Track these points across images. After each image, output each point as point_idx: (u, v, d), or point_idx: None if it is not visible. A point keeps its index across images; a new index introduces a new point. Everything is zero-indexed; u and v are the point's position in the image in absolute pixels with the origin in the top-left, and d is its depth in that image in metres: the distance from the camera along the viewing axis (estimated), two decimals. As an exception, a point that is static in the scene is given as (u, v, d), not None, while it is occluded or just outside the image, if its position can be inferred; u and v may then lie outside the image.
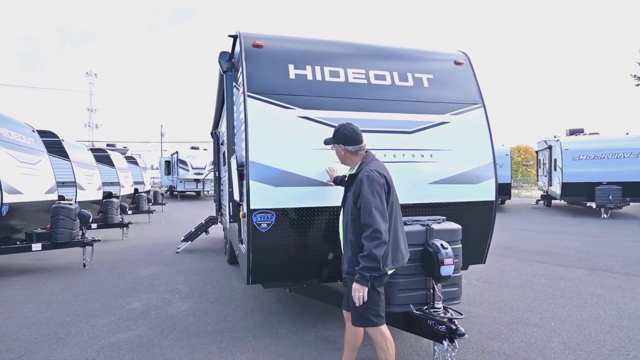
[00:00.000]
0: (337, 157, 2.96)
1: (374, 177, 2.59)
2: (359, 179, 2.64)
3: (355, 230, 2.62)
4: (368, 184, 2.57)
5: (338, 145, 2.89)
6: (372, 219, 2.48)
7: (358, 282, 2.49)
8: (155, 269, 6.91)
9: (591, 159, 14.46)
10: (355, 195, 2.62)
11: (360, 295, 2.49)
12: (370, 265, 2.46)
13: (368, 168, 2.68)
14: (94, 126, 55.15)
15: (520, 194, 27.76)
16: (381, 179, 2.62)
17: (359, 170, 2.73)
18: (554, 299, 4.94)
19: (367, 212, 2.51)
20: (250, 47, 3.72)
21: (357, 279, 2.50)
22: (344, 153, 2.88)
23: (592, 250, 8.02)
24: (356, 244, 2.61)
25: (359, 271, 2.49)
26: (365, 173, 2.63)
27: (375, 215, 2.49)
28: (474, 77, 4.32)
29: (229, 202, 4.39)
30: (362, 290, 2.49)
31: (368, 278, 2.48)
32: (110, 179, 14.82)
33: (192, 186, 27.24)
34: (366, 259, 2.47)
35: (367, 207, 2.52)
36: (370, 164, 2.74)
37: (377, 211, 2.51)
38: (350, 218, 2.65)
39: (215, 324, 4.21)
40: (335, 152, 2.95)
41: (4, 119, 7.01)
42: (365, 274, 2.47)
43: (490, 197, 4.06)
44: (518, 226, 11.92)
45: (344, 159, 2.92)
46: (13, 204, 6.26)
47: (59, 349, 3.64)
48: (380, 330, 2.68)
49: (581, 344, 3.64)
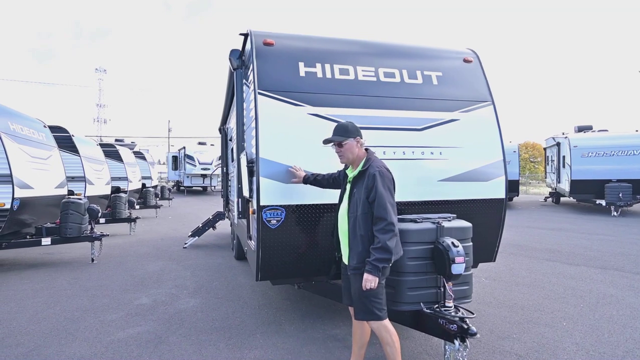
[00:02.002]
0: (347, 153, 2.87)
1: (385, 173, 2.71)
2: (370, 174, 2.69)
3: (366, 225, 2.66)
4: (381, 179, 2.65)
5: (355, 139, 2.85)
6: (386, 213, 2.58)
7: (370, 273, 2.55)
8: (163, 264, 6.94)
9: (600, 156, 14.28)
10: (368, 189, 2.66)
11: (372, 285, 2.56)
12: (384, 256, 2.54)
13: (377, 164, 2.75)
14: (102, 121, 55.50)
15: (528, 191, 27.54)
16: (390, 175, 2.75)
17: (367, 166, 2.76)
18: (565, 298, 4.89)
19: (381, 205, 2.60)
20: (261, 45, 3.74)
21: (369, 269, 2.56)
22: (359, 148, 2.88)
23: (603, 248, 7.93)
24: (367, 239, 2.65)
25: (371, 262, 2.55)
26: (376, 169, 2.70)
27: (388, 209, 2.59)
28: (483, 74, 4.33)
29: (238, 198, 4.38)
30: (374, 280, 2.56)
31: (380, 269, 2.54)
32: (118, 173, 14.90)
33: (199, 181, 27.37)
34: (379, 251, 2.54)
35: (381, 201, 2.60)
36: (377, 161, 2.81)
37: (390, 205, 2.62)
38: (361, 212, 2.68)
39: (223, 321, 4.22)
40: (347, 149, 2.86)
41: (17, 115, 7.07)
42: (378, 265, 2.54)
43: (501, 195, 4.04)
44: (527, 223, 11.83)
45: (355, 154, 2.87)
46: (24, 198, 6.31)
47: (68, 344, 3.67)
48: (384, 324, 2.69)
49: (594, 344, 3.60)
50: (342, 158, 2.93)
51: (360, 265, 2.65)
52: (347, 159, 2.90)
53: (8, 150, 6.12)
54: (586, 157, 14.40)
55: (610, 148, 14.21)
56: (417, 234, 3.04)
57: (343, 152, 2.88)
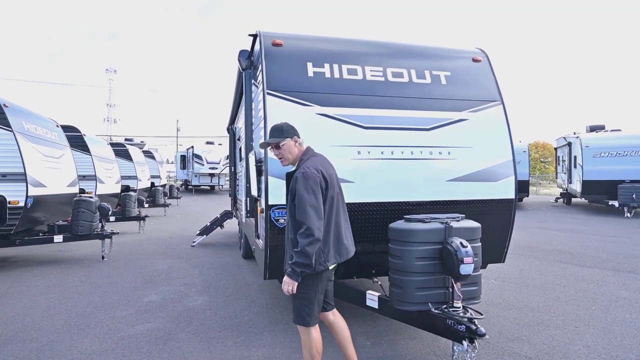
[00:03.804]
0: (287, 154, 2.73)
1: (308, 174, 2.54)
2: (294, 176, 2.60)
3: (294, 228, 2.59)
4: (303, 181, 2.52)
5: (292, 138, 2.73)
6: (306, 217, 2.46)
7: (289, 276, 2.50)
8: (172, 262, 7.01)
9: (613, 156, 14.07)
10: (292, 192, 2.59)
11: (290, 289, 2.51)
12: (302, 261, 2.46)
13: (305, 165, 2.63)
14: (113, 121, 56.14)
15: (539, 191, 27.24)
16: (317, 176, 2.55)
17: (298, 167, 2.70)
18: (577, 300, 4.83)
19: (301, 209, 2.49)
20: (269, 46, 3.76)
21: (288, 272, 2.51)
22: (298, 147, 2.76)
23: (615, 250, 7.81)
24: (295, 242, 2.57)
25: (291, 265, 2.50)
26: (300, 170, 2.58)
27: (309, 213, 2.47)
28: (492, 74, 4.31)
29: (246, 198, 4.41)
30: (292, 284, 2.50)
31: (299, 273, 2.48)
32: (128, 172, 15.08)
33: (206, 180, 27.56)
34: (299, 255, 2.46)
35: (302, 204, 2.49)
36: (308, 161, 2.68)
37: (312, 209, 2.48)
38: (289, 215, 2.64)
39: (232, 319, 4.25)
40: (285, 150, 2.73)
41: (31, 114, 7.19)
42: (297, 269, 2.47)
43: (510, 195, 4.01)
44: (537, 224, 11.70)
45: (295, 155, 2.75)
46: (37, 196, 6.42)
47: (80, 340, 3.73)
48: (309, 330, 2.64)
49: (606, 348, 3.54)
50: (282, 160, 2.79)
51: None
52: (287, 160, 2.76)
53: (22, 150, 6.23)
54: (598, 157, 14.20)
55: (623, 148, 14.00)
56: (425, 234, 3.02)
57: (282, 153, 2.75)
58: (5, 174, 6.14)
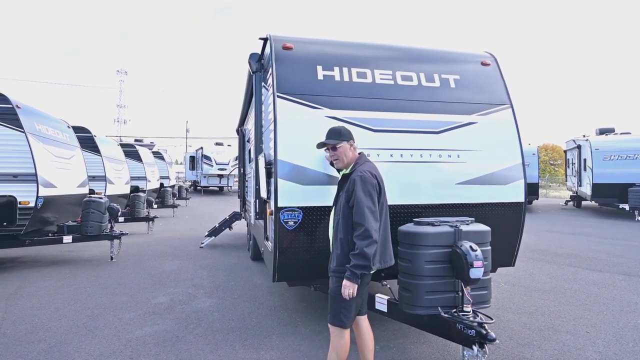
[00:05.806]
0: (342, 156, 2.87)
1: (366, 177, 2.66)
2: (352, 178, 2.69)
3: (345, 229, 2.65)
4: (361, 184, 2.62)
5: (348, 142, 2.87)
6: (364, 219, 2.54)
7: (349, 280, 2.53)
8: (180, 263, 7.04)
9: (623, 159, 13.92)
10: (348, 194, 2.66)
11: (351, 292, 2.53)
12: (362, 263, 2.51)
13: (361, 169, 2.73)
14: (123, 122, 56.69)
15: (548, 194, 26.97)
16: (373, 180, 2.68)
17: (353, 170, 2.78)
18: (588, 305, 4.77)
19: (359, 211, 2.56)
20: (280, 49, 3.78)
21: (347, 276, 2.54)
22: (352, 151, 2.89)
23: (627, 254, 7.70)
24: (345, 243, 2.64)
25: (350, 268, 2.53)
26: (358, 173, 2.68)
27: (367, 215, 2.55)
28: (501, 77, 4.32)
29: (255, 199, 4.42)
30: (352, 287, 2.53)
31: (359, 276, 2.52)
32: (137, 173, 15.18)
33: (215, 181, 27.68)
34: (358, 257, 2.52)
35: (360, 206, 2.57)
36: (364, 165, 2.79)
37: (369, 211, 2.56)
38: (342, 216, 2.68)
39: (240, 321, 4.25)
40: (341, 152, 2.86)
41: (42, 115, 7.27)
42: (357, 272, 2.52)
43: (520, 199, 3.99)
44: (547, 227, 11.58)
45: (350, 158, 2.88)
46: (47, 197, 6.49)
47: (88, 341, 3.75)
48: (343, 333, 2.66)
49: (618, 353, 3.49)
50: (337, 162, 2.91)
51: (338, 268, 2.65)
52: (342, 162, 2.88)
53: (34, 150, 6.30)
54: (608, 160, 14.05)
55: (634, 151, 13.85)
56: (434, 237, 3.01)
57: (338, 155, 2.87)
58: (17, 175, 6.21)
